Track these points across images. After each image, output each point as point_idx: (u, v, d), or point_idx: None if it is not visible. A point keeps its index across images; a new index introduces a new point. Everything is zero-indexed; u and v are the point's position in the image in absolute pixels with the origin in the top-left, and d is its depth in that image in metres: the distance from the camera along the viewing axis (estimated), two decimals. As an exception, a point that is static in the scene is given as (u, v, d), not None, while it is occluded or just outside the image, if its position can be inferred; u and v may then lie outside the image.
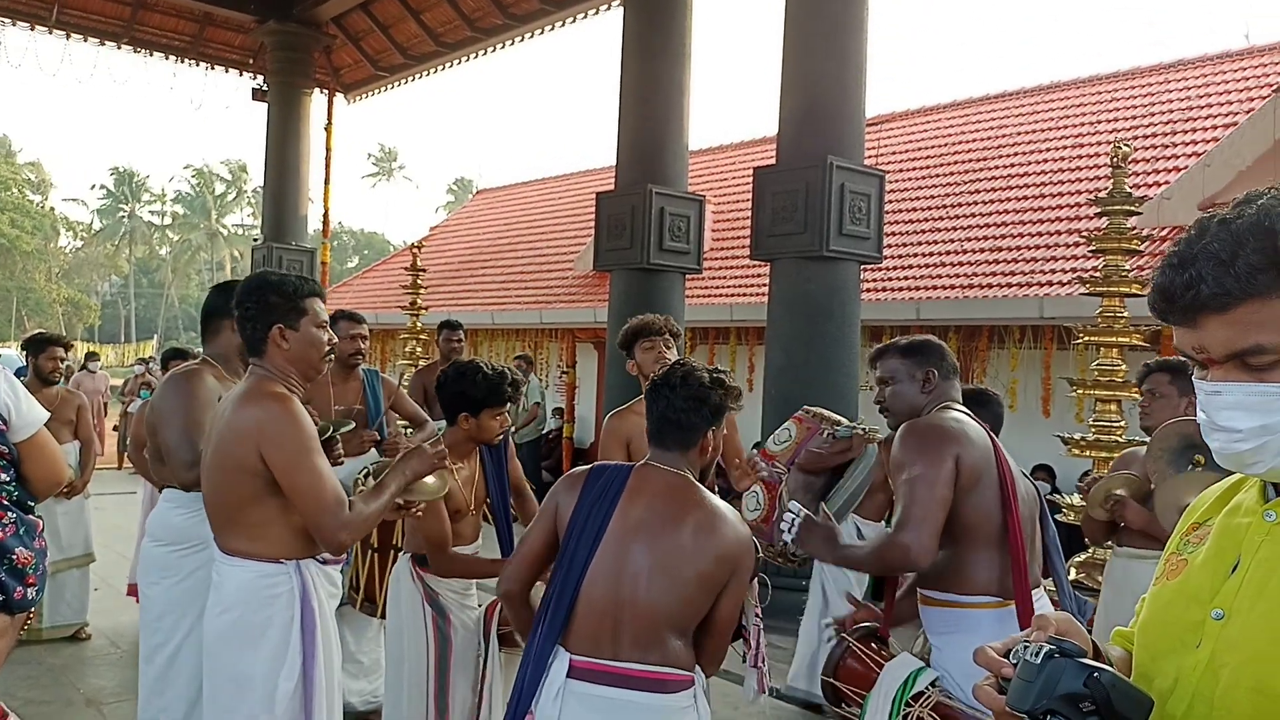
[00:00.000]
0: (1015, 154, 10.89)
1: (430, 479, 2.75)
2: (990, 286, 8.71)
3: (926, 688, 2.46)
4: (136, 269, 56.46)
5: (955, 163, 11.39)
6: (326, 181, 13.78)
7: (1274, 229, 1.00)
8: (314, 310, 2.56)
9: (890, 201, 8.88)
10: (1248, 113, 8.68)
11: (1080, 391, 5.35)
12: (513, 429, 3.59)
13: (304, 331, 2.53)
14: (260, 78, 13.53)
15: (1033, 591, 2.56)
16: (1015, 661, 1.03)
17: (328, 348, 2.59)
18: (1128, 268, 5.27)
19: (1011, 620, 2.53)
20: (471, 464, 3.28)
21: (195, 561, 3.08)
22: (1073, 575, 4.79)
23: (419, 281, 9.78)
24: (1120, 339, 5.17)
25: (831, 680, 2.70)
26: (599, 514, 2.25)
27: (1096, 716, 0.98)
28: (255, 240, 13.18)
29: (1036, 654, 1.01)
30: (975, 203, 10.37)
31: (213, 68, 13.67)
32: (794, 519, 2.58)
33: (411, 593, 3.20)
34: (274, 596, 2.46)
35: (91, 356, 14.71)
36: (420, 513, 2.89)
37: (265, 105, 13.14)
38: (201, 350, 3.53)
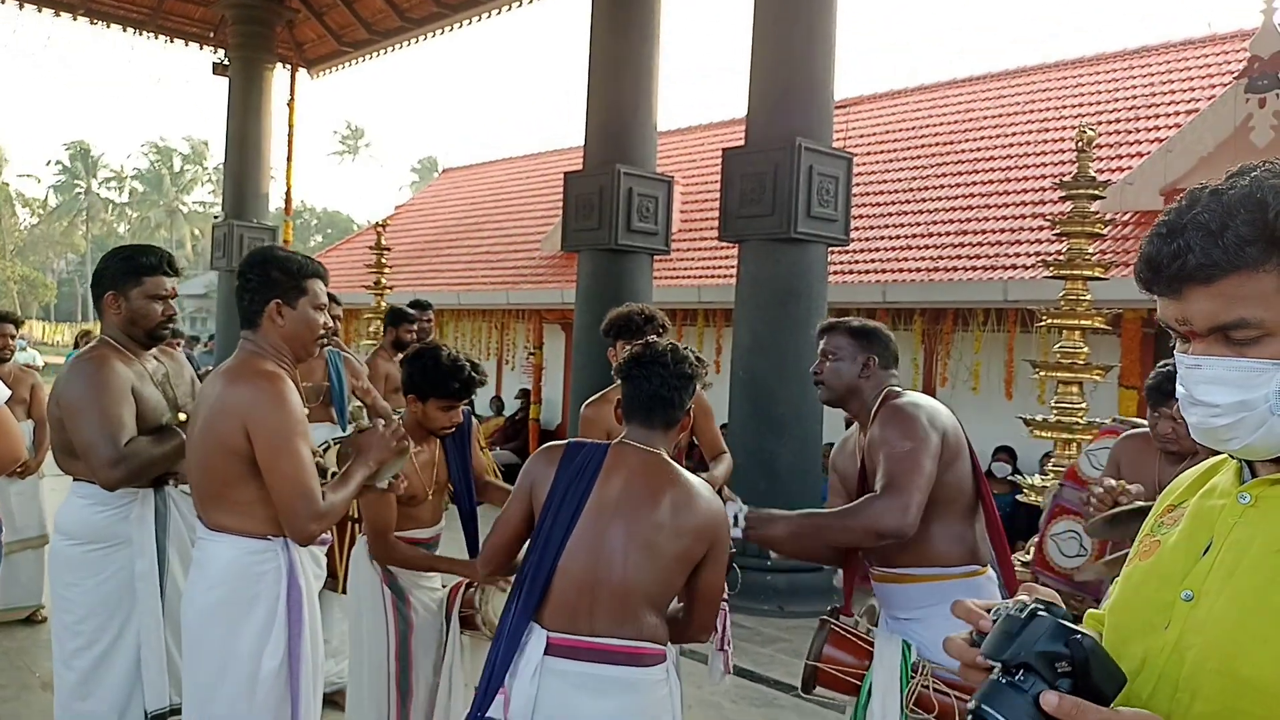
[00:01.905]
0: (981, 138, 10.96)
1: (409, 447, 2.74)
2: (955, 270, 8.78)
3: (917, 659, 2.54)
4: (94, 246, 55.42)
5: (922, 146, 11.44)
6: (289, 158, 13.57)
7: (1265, 201, 0.98)
8: (314, 291, 2.55)
9: (857, 184, 8.89)
10: (1209, 99, 8.78)
11: (1043, 374, 5.41)
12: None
13: (301, 311, 2.52)
14: (221, 52, 13.26)
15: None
16: (995, 618, 1.01)
17: (320, 332, 2.57)
18: (1091, 251, 5.31)
19: (991, 586, 2.65)
20: (431, 447, 3.22)
21: (118, 560, 2.92)
22: (1030, 555, 4.85)
23: (384, 261, 9.67)
24: (1083, 322, 5.22)
25: (817, 665, 2.70)
26: (577, 490, 2.26)
27: (1070, 679, 0.95)
28: (216, 217, 12.95)
29: (1021, 610, 1.00)
30: (941, 186, 10.43)
31: (172, 41, 13.39)
32: (737, 512, 2.56)
33: (370, 575, 3.17)
34: (261, 573, 2.43)
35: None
36: (404, 485, 2.91)
37: (226, 80, 12.90)
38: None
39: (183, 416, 2.98)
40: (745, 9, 6.80)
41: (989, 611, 1.05)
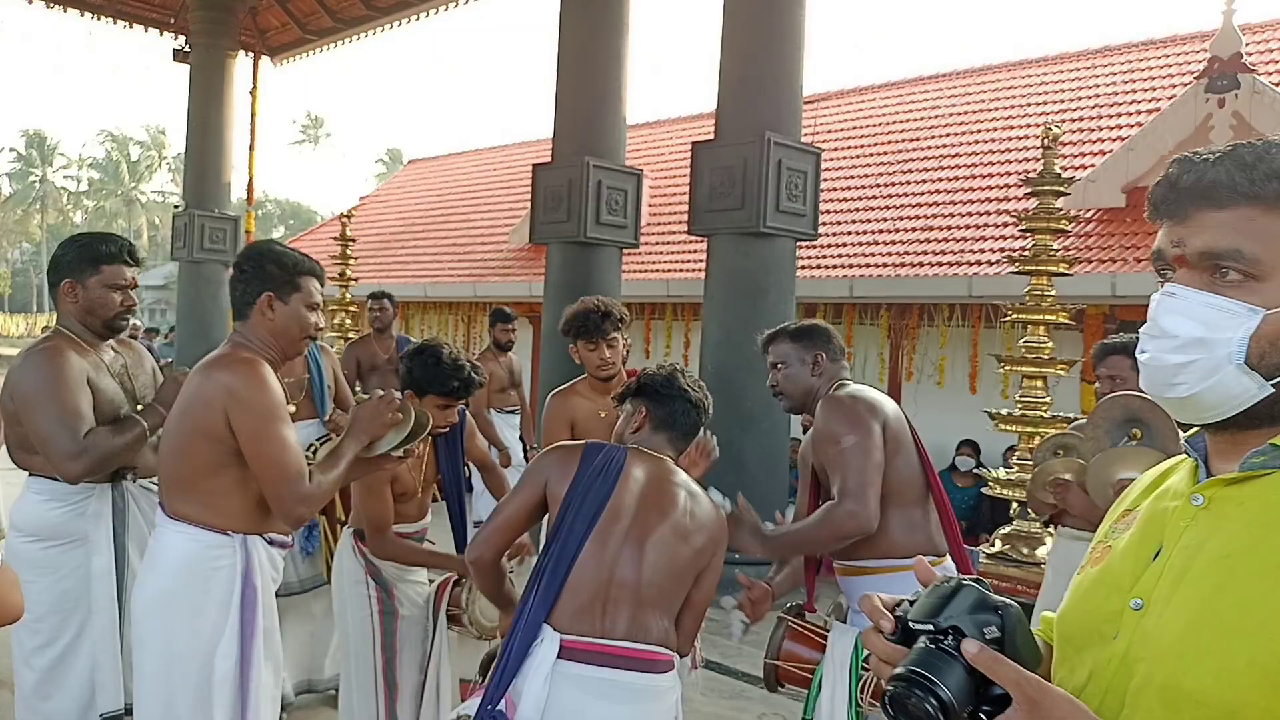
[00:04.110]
0: (947, 135, 11.04)
1: (403, 411, 2.68)
2: (921, 265, 8.85)
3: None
4: (49, 236, 54.32)
5: (889, 142, 11.51)
6: (251, 148, 13.37)
7: None
8: (308, 289, 2.52)
9: (825, 179, 8.93)
10: (1170, 99, 8.91)
11: (1007, 368, 5.47)
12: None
13: (293, 307, 2.49)
14: (182, 38, 13.02)
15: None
16: (902, 615, 1.01)
17: (310, 331, 2.54)
18: (1056, 247, 5.38)
19: (948, 573, 2.64)
20: (423, 443, 3.19)
21: (76, 558, 2.86)
22: (997, 546, 4.91)
23: (348, 252, 9.57)
24: (1047, 317, 5.28)
25: (775, 662, 2.72)
26: (599, 492, 2.26)
27: (999, 644, 0.95)
28: (176, 207, 12.72)
29: (948, 581, 1.00)
30: (908, 182, 10.50)
31: (131, 26, 13.11)
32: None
33: (354, 568, 3.16)
34: (215, 569, 2.38)
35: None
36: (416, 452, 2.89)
37: (187, 67, 12.67)
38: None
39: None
40: (715, 3, 6.79)
41: (896, 607, 1.04)
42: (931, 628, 0.96)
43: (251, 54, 13.50)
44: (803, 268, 8.66)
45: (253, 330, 2.48)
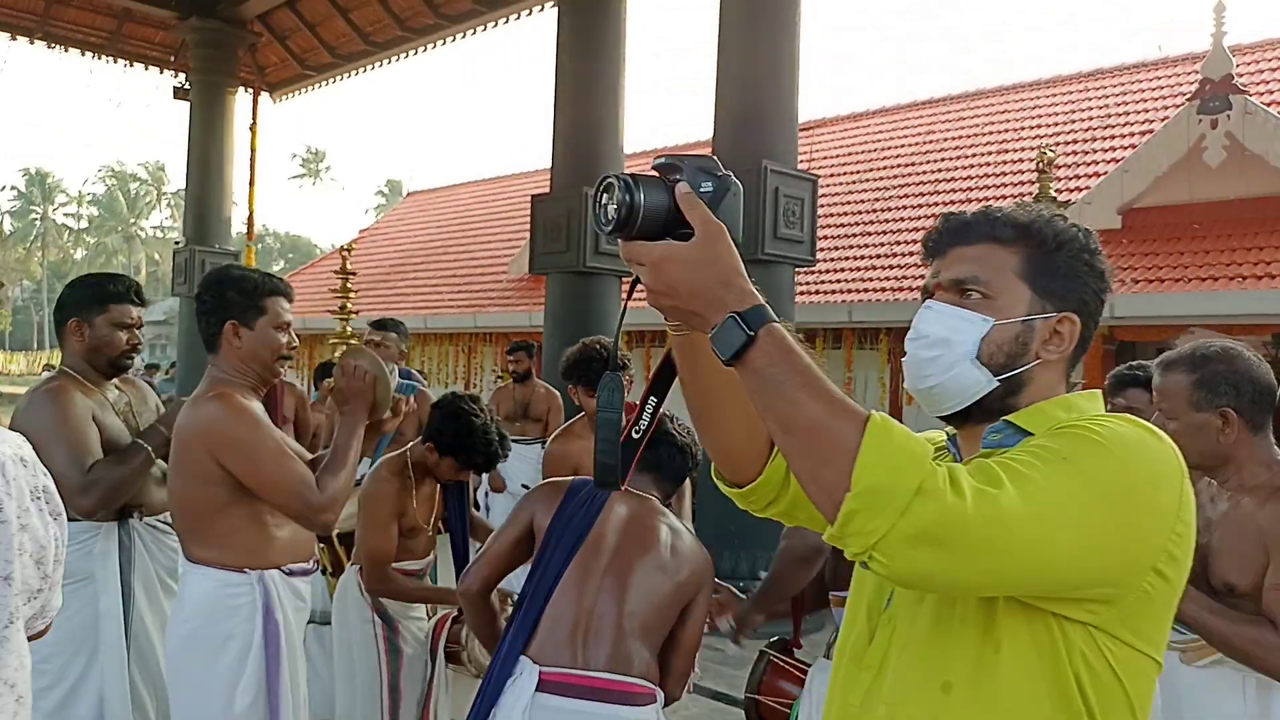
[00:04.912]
0: (943, 159, 11.12)
1: (365, 364, 2.56)
2: (919, 289, 8.87)
3: None
4: (50, 273, 54.51)
5: (885, 167, 11.58)
6: (251, 183, 13.45)
7: (1030, 214, 1.24)
8: (274, 310, 2.48)
9: (822, 205, 8.98)
10: (1163, 120, 8.97)
11: (1009, 391, 5.47)
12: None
13: (260, 331, 2.46)
14: (182, 76, 13.14)
15: None
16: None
17: (282, 352, 2.51)
18: (1053, 270, 5.40)
19: None
20: (433, 484, 3.22)
21: (82, 597, 2.82)
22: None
23: (348, 285, 9.59)
24: (1047, 340, 5.30)
25: (756, 697, 2.69)
26: (578, 525, 2.28)
27: (708, 200, 1.09)
28: (176, 243, 12.78)
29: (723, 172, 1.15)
30: (905, 207, 10.56)
31: (132, 65, 13.24)
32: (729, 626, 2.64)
33: (359, 604, 3.13)
34: (235, 608, 2.38)
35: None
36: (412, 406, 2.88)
37: (187, 104, 12.78)
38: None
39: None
40: (710, 33, 6.86)
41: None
42: (668, 164, 1.12)
43: (251, 90, 13.62)
44: (801, 294, 8.69)
45: (224, 361, 2.46)
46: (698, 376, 1.27)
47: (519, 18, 10.83)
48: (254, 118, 13.61)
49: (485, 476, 6.70)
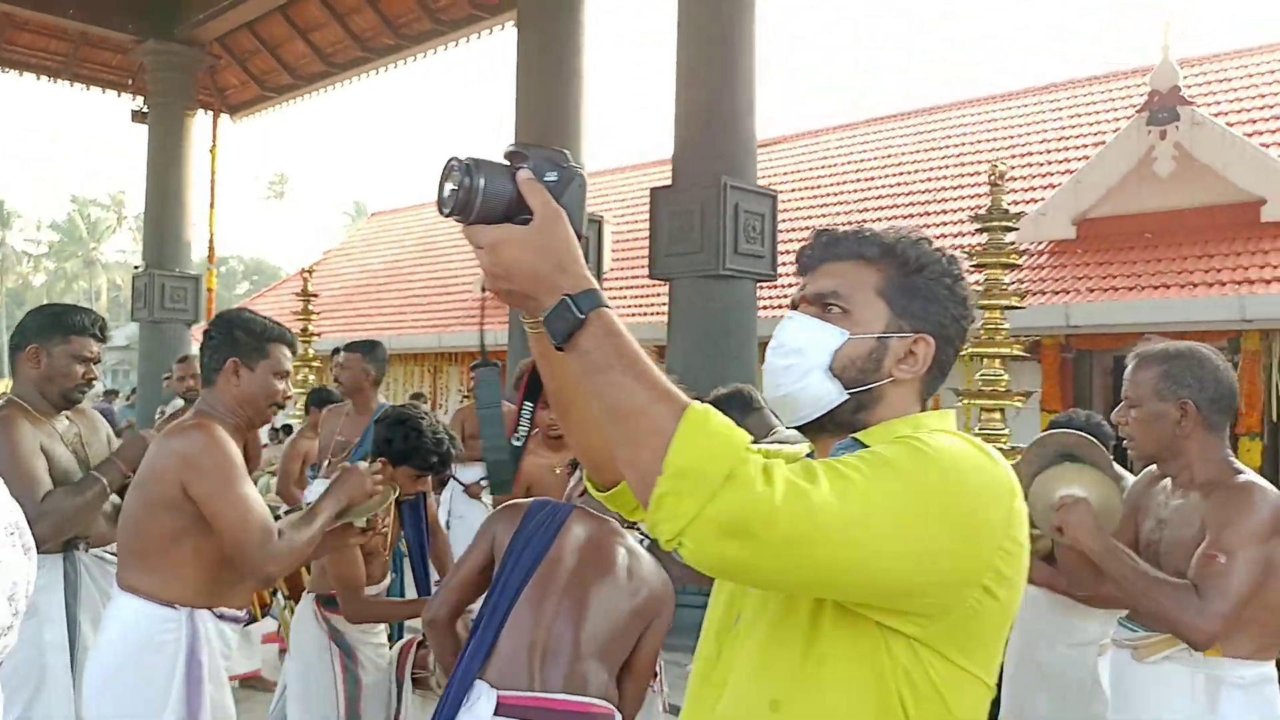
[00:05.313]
0: (901, 173, 11.26)
1: (385, 488, 2.68)
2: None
3: None
4: (9, 300, 53.62)
5: (844, 182, 11.71)
6: (212, 205, 13.35)
7: (894, 235, 1.28)
8: (277, 356, 2.51)
9: (783, 221, 9.06)
10: (1115, 132, 9.16)
11: (966, 401, 5.54)
12: None
13: (259, 374, 2.48)
14: (140, 99, 13.03)
15: None
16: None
17: (278, 399, 2.53)
18: (1007, 281, 5.48)
19: None
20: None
21: (26, 631, 2.71)
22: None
23: (310, 307, 9.54)
24: (1001, 350, 5.37)
25: None
26: (537, 546, 2.28)
27: (551, 188, 1.10)
28: (136, 267, 12.63)
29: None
30: (864, 221, 10.65)
31: (89, 88, 13.12)
32: None
33: (316, 633, 3.08)
34: (160, 643, 2.34)
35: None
36: (385, 529, 2.84)
37: (146, 127, 12.67)
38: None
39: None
40: (670, 52, 6.92)
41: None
42: (516, 152, 1.12)
43: (210, 112, 13.54)
44: (764, 308, 8.74)
45: (219, 397, 2.47)
46: (553, 375, 1.28)
47: (479, 37, 10.87)
48: (214, 140, 13.53)
49: (450, 498, 6.65)
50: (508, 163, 1.12)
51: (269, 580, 2.43)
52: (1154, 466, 2.52)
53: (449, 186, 1.09)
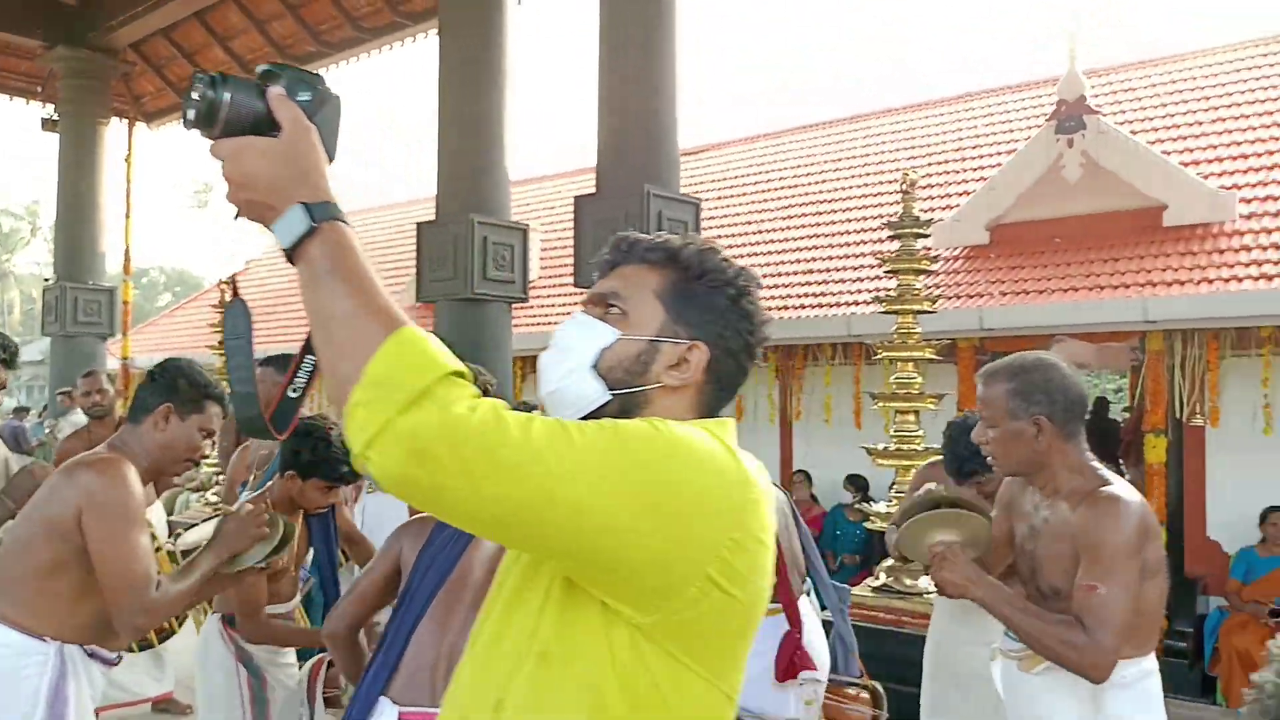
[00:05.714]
0: (823, 181, 11.47)
1: (268, 522, 2.63)
2: (803, 307, 9.12)
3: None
4: (-86, 314, 51.42)
5: (767, 190, 11.88)
6: (127, 215, 13.00)
7: (680, 242, 1.29)
8: (209, 414, 2.54)
9: (707, 229, 9.17)
10: (1027, 140, 9.45)
11: (881, 404, 5.66)
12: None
13: (188, 426, 2.50)
14: (51, 106, 12.64)
15: (799, 600, 2.76)
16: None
17: (195, 455, 2.54)
18: (919, 286, 5.62)
19: (782, 624, 2.73)
20: (295, 518, 3.12)
21: None
22: (881, 579, 5.05)
23: (231, 318, 9.33)
24: (914, 353, 5.50)
25: None
26: (443, 561, 2.25)
27: (305, 108, 1.09)
28: (47, 280, 12.23)
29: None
30: (787, 228, 10.84)
31: (-4, 95, 12.71)
32: None
33: (222, 655, 3.03)
34: (22, 676, 2.28)
35: None
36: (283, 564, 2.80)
37: (56, 135, 12.29)
38: None
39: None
40: (593, 61, 6.96)
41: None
42: (269, 71, 1.10)
43: (126, 120, 13.19)
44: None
45: (139, 437, 2.46)
46: None
47: (402, 44, 10.79)
48: (129, 148, 13.19)
49: (363, 508, 6.57)
50: (261, 81, 1.09)
51: (135, 632, 2.36)
52: None
53: (193, 97, 1.05)
